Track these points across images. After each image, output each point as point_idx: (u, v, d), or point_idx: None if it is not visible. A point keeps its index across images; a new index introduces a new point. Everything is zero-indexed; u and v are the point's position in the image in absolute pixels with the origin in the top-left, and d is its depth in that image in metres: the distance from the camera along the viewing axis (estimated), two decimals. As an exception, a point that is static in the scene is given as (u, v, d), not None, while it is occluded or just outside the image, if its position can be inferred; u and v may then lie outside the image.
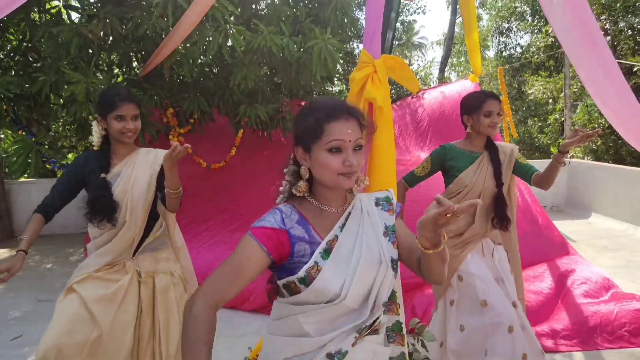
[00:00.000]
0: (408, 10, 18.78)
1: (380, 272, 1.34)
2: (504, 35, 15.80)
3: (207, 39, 4.37)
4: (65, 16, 5.05)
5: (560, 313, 3.67)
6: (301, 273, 1.29)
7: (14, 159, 4.78)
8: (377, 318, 1.34)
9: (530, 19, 14.96)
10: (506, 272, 2.58)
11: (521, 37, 17.55)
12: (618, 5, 10.78)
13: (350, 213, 1.39)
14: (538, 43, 13.16)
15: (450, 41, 15.54)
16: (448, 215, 1.09)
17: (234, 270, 1.24)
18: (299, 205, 1.38)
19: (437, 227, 1.14)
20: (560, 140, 11.42)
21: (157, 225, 2.46)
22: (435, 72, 19.76)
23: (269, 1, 5.36)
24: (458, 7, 8.86)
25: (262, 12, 5.18)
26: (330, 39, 4.59)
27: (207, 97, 5.22)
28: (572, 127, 10.38)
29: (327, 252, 1.32)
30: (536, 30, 13.92)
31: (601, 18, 11.18)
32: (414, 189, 2.78)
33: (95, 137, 2.36)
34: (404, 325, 1.47)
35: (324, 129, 1.28)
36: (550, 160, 2.48)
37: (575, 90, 11.42)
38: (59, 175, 8.17)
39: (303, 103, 6.52)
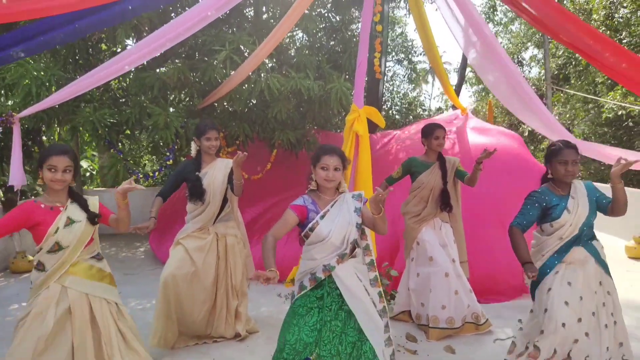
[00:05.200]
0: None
1: (349, 228, 2.57)
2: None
3: (252, 84, 5.92)
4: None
5: None
6: (311, 225, 2.56)
7: (108, 171, 6.38)
8: (352, 250, 2.60)
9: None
10: (450, 240, 3.96)
11: (531, 68, 18.74)
12: None
13: (336, 200, 2.65)
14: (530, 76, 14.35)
15: (462, 70, 16.68)
16: (381, 196, 2.30)
17: (283, 223, 2.55)
18: (312, 194, 2.67)
19: (378, 202, 2.34)
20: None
21: (227, 206, 3.95)
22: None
23: (298, 52, 6.91)
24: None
25: (293, 61, 6.73)
26: (345, 82, 6.09)
27: (249, 124, 6.67)
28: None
29: (322, 217, 2.57)
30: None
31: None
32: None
33: (193, 151, 3.89)
34: (375, 261, 2.82)
35: (320, 158, 2.58)
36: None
37: (564, 122, 12.62)
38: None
39: (318, 130, 7.99)
